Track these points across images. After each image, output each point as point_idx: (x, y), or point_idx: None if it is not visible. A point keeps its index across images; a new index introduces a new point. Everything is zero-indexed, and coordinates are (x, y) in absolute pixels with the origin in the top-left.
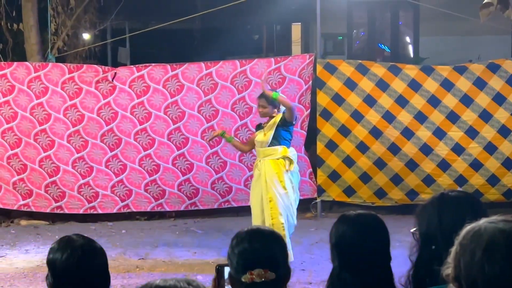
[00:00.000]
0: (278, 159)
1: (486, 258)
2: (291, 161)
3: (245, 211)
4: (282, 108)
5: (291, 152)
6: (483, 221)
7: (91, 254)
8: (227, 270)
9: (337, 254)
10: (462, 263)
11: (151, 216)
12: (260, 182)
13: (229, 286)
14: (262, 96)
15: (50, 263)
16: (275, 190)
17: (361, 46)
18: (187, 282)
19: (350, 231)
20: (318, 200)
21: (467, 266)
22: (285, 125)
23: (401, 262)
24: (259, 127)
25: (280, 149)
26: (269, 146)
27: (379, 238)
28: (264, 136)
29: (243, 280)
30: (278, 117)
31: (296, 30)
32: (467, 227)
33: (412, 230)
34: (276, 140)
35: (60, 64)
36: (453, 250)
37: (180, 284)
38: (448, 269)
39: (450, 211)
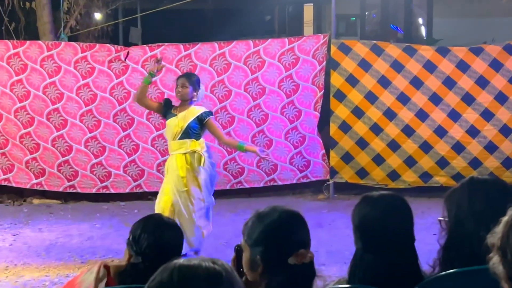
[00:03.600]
0: (184, 154)
1: None
2: (200, 157)
3: (258, 192)
4: (200, 96)
5: (201, 145)
6: None
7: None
8: None
9: (360, 235)
10: None
11: None
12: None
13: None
14: (184, 75)
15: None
16: (175, 189)
17: (374, 27)
18: (212, 261)
19: (374, 212)
20: (331, 181)
21: None
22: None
23: (416, 243)
24: (168, 104)
25: (189, 143)
26: (179, 139)
27: (403, 218)
28: (177, 125)
29: (289, 262)
30: (196, 113)
31: (308, 11)
32: None
33: (439, 218)
34: (186, 133)
35: (73, 43)
36: (504, 219)
37: (205, 263)
38: (494, 238)
39: (480, 194)
